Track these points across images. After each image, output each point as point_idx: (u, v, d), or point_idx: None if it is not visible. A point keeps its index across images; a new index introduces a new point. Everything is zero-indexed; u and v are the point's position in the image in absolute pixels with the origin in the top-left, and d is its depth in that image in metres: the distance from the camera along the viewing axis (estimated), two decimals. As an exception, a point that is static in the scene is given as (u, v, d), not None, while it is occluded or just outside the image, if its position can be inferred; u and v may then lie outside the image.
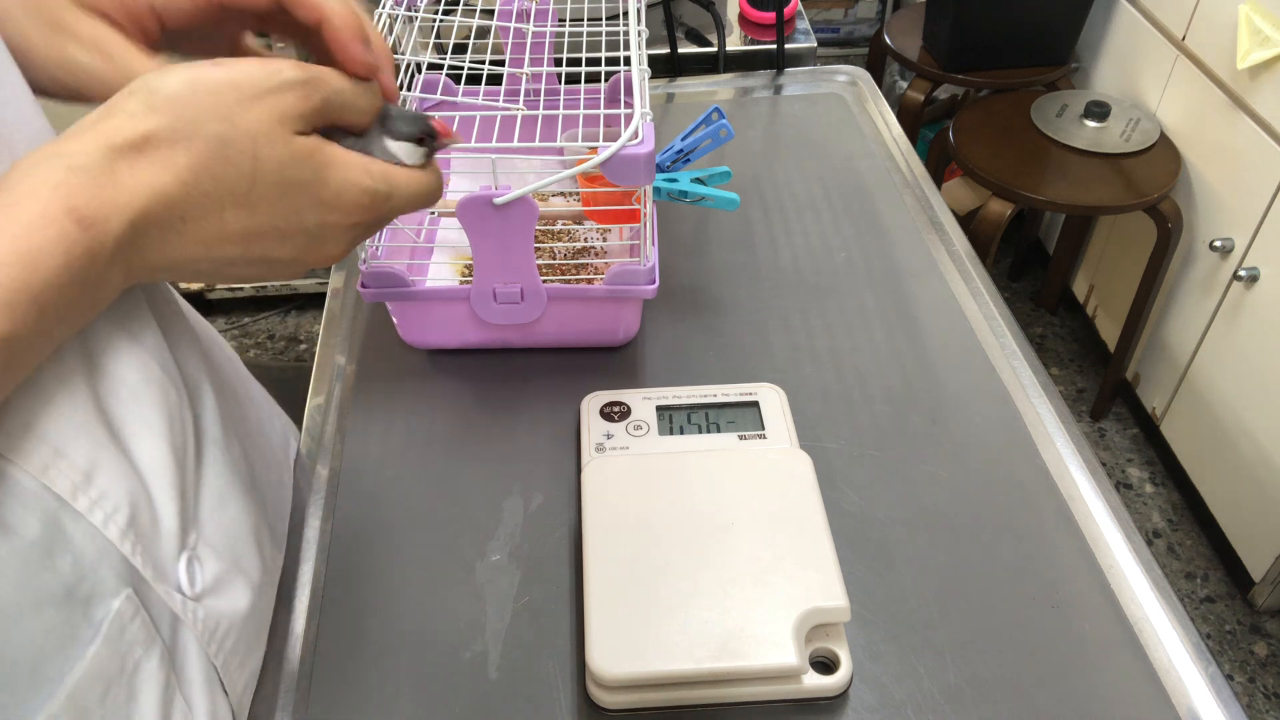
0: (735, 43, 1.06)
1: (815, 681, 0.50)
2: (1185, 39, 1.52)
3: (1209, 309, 1.53)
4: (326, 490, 0.62)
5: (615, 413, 0.62)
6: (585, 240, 0.77)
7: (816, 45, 1.06)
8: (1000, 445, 0.64)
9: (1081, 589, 0.55)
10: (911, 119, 1.80)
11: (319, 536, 0.60)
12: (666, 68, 1.03)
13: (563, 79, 0.72)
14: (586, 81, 0.71)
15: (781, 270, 0.78)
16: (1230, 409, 1.49)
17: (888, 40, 1.84)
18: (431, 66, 0.71)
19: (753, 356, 0.70)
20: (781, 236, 0.81)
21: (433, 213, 0.76)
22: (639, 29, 0.64)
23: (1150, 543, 1.64)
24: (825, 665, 0.51)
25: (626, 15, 0.66)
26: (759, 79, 1.02)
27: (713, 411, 0.62)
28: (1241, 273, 1.41)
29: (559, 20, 0.76)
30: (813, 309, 0.74)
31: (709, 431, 0.60)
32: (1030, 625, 0.53)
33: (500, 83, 0.72)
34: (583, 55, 0.70)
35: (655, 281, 0.65)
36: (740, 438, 0.60)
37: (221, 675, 0.45)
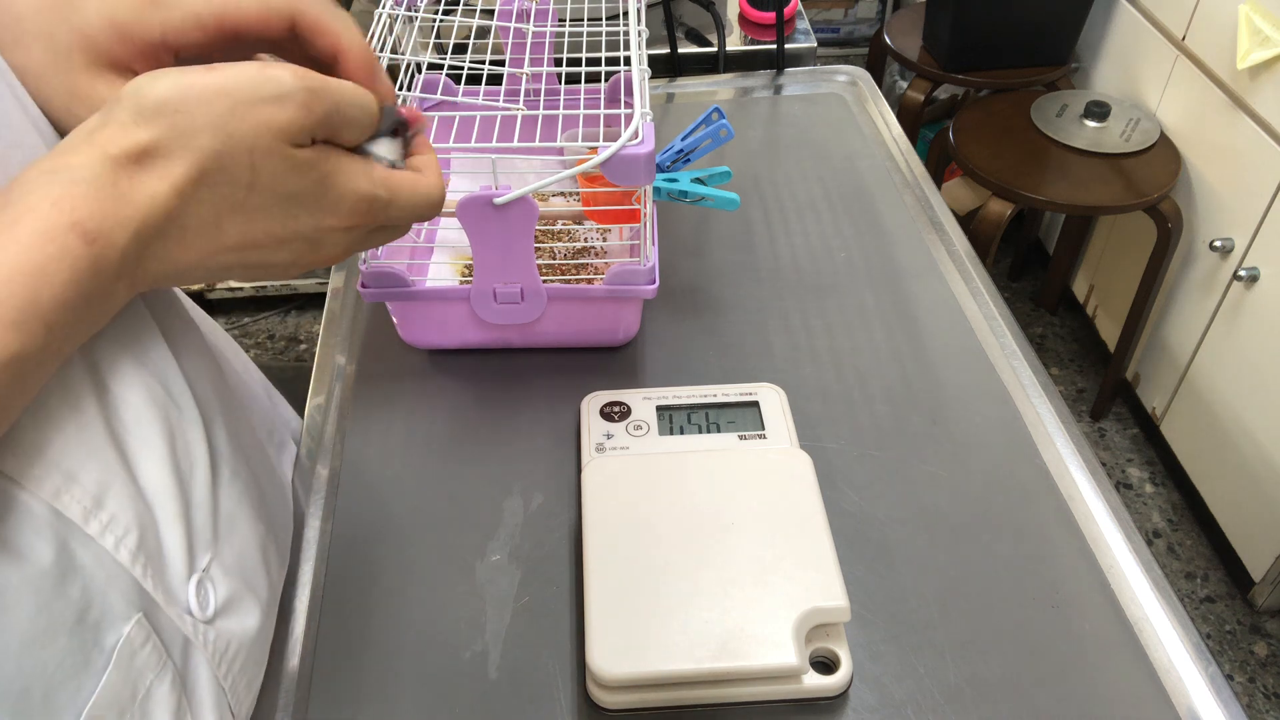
0: (735, 43, 1.06)
1: (815, 681, 0.50)
2: (1185, 39, 1.51)
3: (1209, 309, 1.53)
4: (326, 490, 0.62)
5: (615, 413, 0.62)
6: (585, 240, 0.77)
7: (816, 45, 1.06)
8: (1000, 445, 0.64)
9: (1081, 589, 0.55)
10: (911, 119, 1.80)
11: (319, 537, 0.60)
12: (666, 68, 1.03)
13: (563, 79, 0.72)
14: (586, 81, 0.71)
15: (781, 270, 0.78)
16: (1230, 409, 1.49)
17: (888, 40, 1.84)
18: (431, 66, 0.71)
19: (753, 356, 0.70)
20: (781, 236, 0.81)
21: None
22: (639, 29, 0.64)
23: (1150, 543, 1.64)
24: (825, 665, 0.51)
25: (626, 15, 0.66)
26: (759, 79, 1.02)
27: (713, 411, 0.62)
28: (1241, 273, 1.41)
29: (559, 20, 0.76)
30: (813, 309, 0.74)
31: (709, 431, 0.60)
32: (1030, 625, 0.53)
33: (500, 83, 0.72)
34: (583, 55, 0.70)
35: (655, 281, 0.65)
36: (740, 438, 0.60)
37: (229, 697, 0.44)
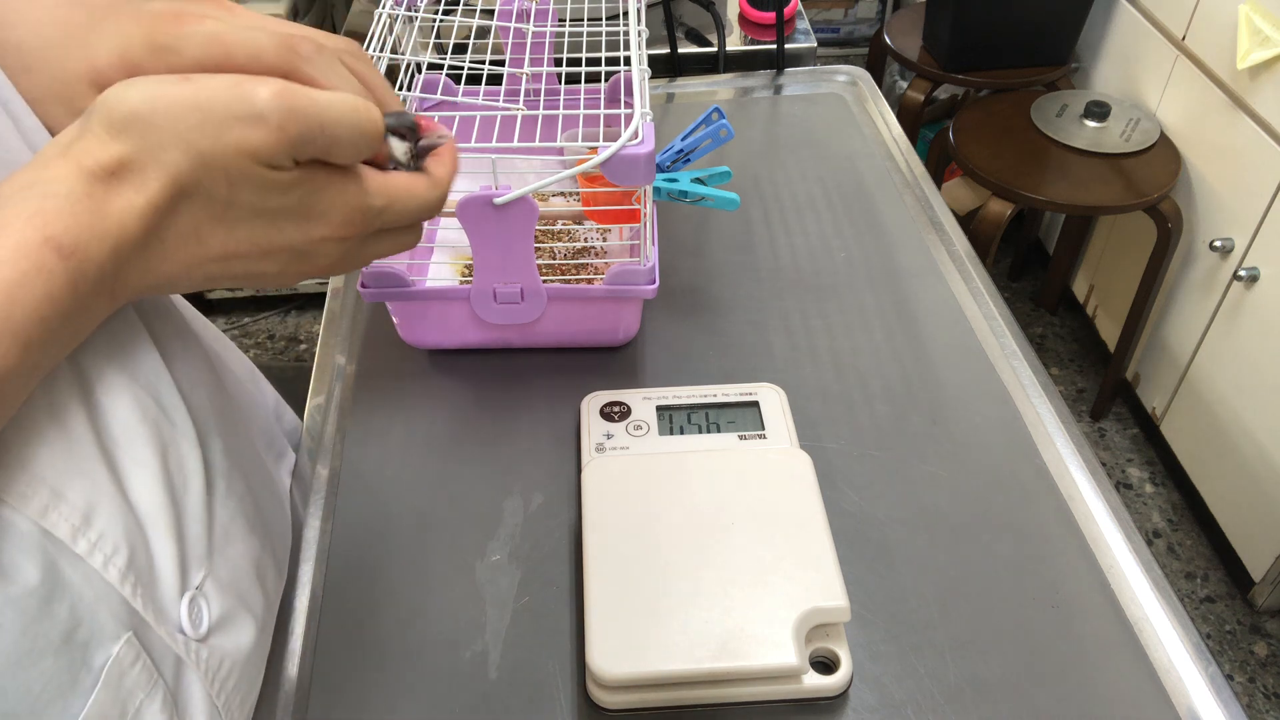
0: (735, 43, 1.06)
1: (815, 681, 0.50)
2: (1185, 39, 1.51)
3: (1209, 309, 1.53)
4: (326, 490, 0.62)
5: (615, 413, 0.62)
6: (585, 240, 0.77)
7: (816, 45, 1.06)
8: (1000, 445, 0.64)
9: (1081, 589, 0.55)
10: (911, 119, 1.80)
11: (319, 537, 0.60)
12: (666, 68, 1.03)
13: (563, 79, 0.72)
14: (586, 81, 0.71)
15: (781, 270, 0.78)
16: (1230, 409, 1.49)
17: (888, 40, 1.84)
18: (431, 66, 0.71)
19: (753, 356, 0.70)
20: (781, 236, 0.81)
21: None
22: (639, 29, 0.64)
23: (1150, 543, 1.64)
24: (825, 665, 0.51)
25: (626, 15, 0.66)
26: (759, 79, 1.02)
27: (713, 411, 0.62)
28: (1241, 273, 1.41)
29: (559, 20, 0.76)
30: (813, 309, 0.74)
31: (709, 431, 0.60)
32: (1030, 625, 0.53)
33: (500, 83, 0.72)
34: (583, 55, 0.70)
35: (655, 281, 0.65)
36: (740, 438, 0.60)
37: (223, 715, 0.43)
